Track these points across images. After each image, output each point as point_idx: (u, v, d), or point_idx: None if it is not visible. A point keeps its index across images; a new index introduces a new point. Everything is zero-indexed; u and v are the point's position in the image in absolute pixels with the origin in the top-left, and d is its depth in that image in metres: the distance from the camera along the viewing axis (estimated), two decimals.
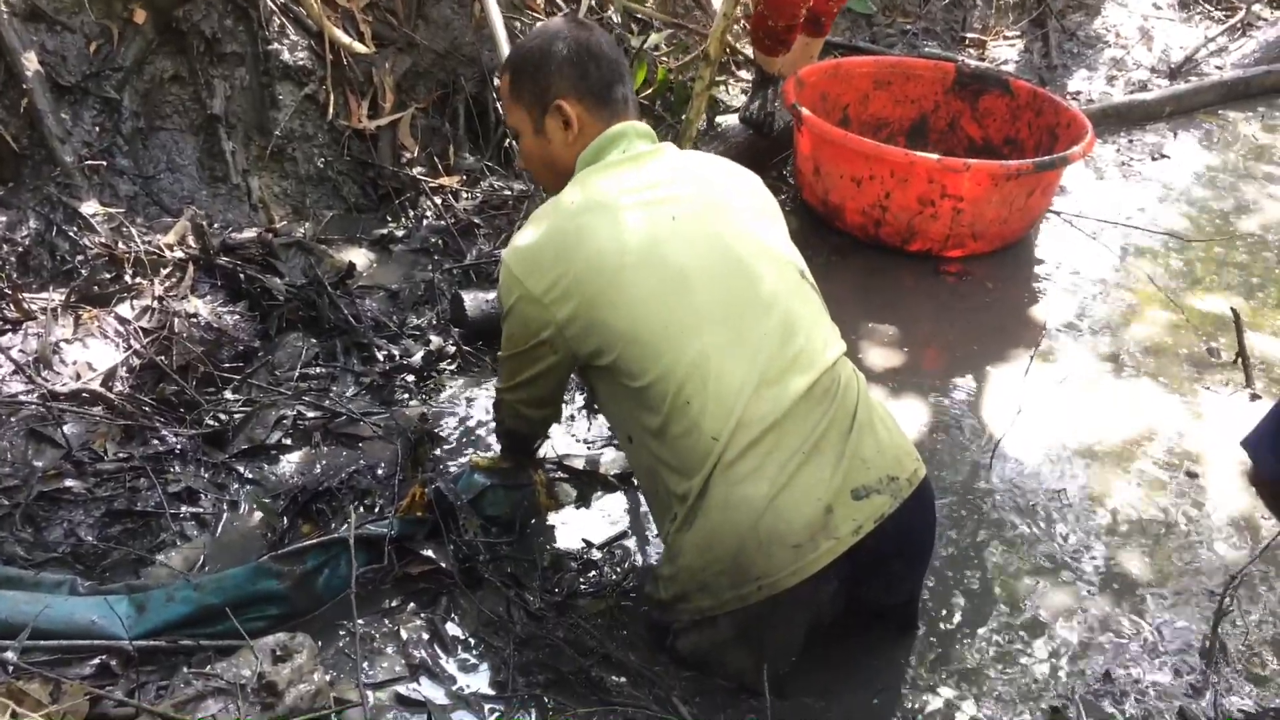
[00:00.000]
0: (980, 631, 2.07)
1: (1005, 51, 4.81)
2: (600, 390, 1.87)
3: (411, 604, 2.01)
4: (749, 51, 3.96)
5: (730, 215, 1.84)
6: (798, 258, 1.90)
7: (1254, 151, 4.25)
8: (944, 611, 2.11)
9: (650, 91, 3.71)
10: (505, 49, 3.09)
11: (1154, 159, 4.14)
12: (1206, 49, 4.90)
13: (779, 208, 1.98)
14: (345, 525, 2.05)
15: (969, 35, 4.81)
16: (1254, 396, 2.80)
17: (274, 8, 3.15)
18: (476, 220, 3.25)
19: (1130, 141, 4.26)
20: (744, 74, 4.08)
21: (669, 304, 1.74)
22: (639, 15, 3.94)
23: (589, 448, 2.49)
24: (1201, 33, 5.06)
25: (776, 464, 1.70)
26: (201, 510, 2.20)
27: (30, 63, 2.77)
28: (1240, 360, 2.87)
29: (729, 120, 3.69)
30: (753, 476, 1.70)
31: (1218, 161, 4.16)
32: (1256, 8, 5.25)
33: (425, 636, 1.94)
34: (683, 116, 2.48)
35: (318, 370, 2.65)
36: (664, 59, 3.75)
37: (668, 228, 1.78)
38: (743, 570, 1.71)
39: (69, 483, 2.17)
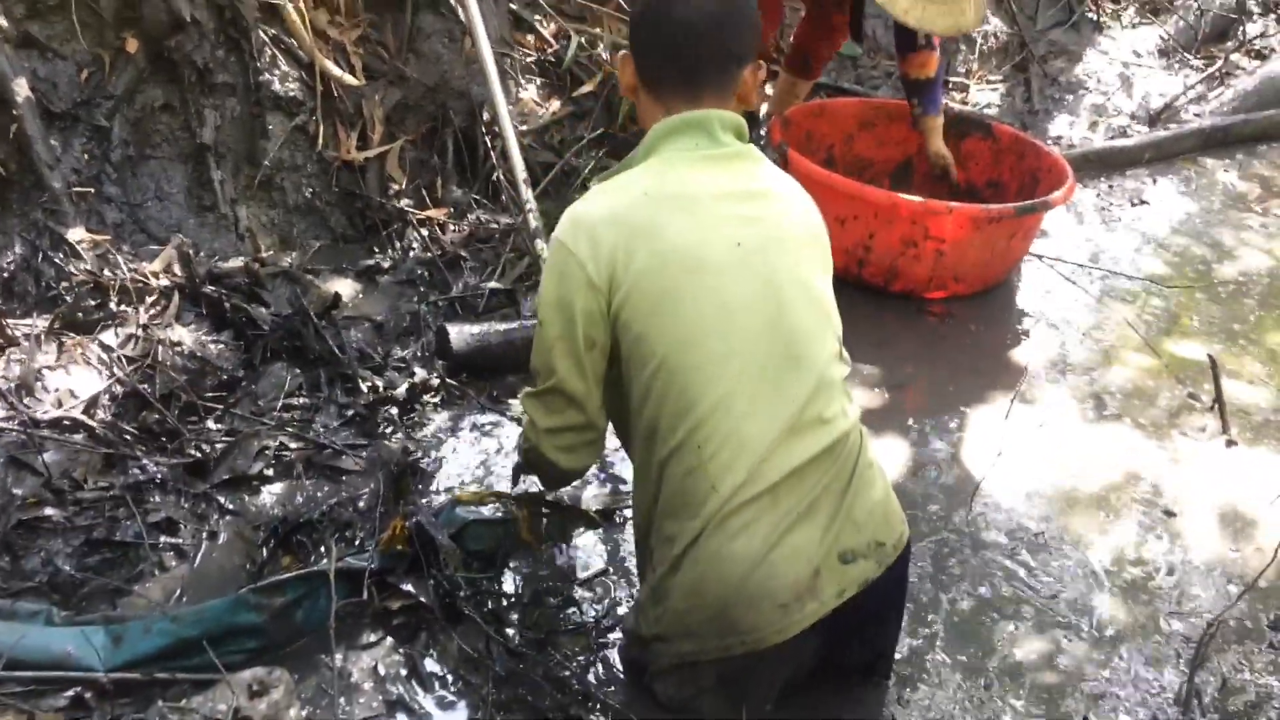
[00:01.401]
0: (956, 677, 2.08)
1: (988, 95, 4.88)
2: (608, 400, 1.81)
3: (390, 639, 2.00)
4: None
5: (790, 257, 1.75)
6: (837, 319, 1.83)
7: (1232, 198, 4.32)
8: (919, 655, 2.11)
9: (637, 129, 3.74)
10: (495, 84, 3.12)
11: (1134, 204, 4.19)
12: (1186, 97, 4.98)
13: (829, 247, 1.88)
14: (325, 558, 2.04)
15: (952, 79, 4.87)
16: (1230, 443, 2.83)
17: (266, 39, 3.17)
18: (463, 253, 3.26)
19: (1110, 187, 4.31)
20: None
21: (711, 337, 1.66)
22: None
23: (571, 484, 2.49)
24: (1181, 81, 5.14)
25: (770, 522, 1.68)
26: (181, 541, 2.19)
27: (21, 89, 2.77)
28: (1218, 407, 2.90)
29: None
30: (746, 532, 1.68)
31: (1196, 208, 4.22)
32: (1234, 57, 5.34)
33: (404, 672, 1.93)
34: None
35: (301, 401, 2.65)
36: None
37: (733, 254, 1.68)
38: (729, 623, 1.71)
39: (48, 511, 2.16)
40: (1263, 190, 4.41)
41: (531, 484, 2.43)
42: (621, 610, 2.14)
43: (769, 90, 3.93)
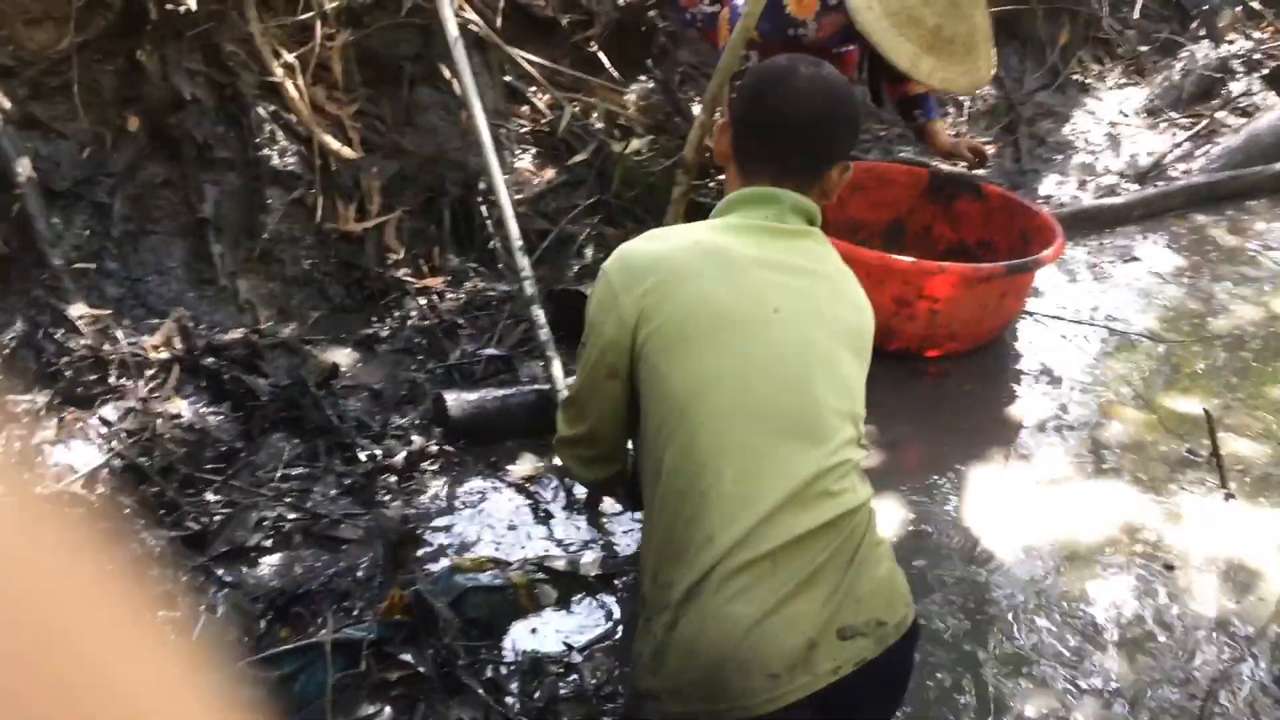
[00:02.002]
0: None
1: None
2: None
3: (389, 709, 1.99)
4: None
5: (824, 334, 1.77)
6: (862, 409, 1.82)
7: (1222, 254, 4.36)
8: (924, 717, 2.10)
9: (632, 195, 3.79)
10: (491, 154, 3.17)
11: (1124, 261, 4.23)
12: (1173, 155, 5.05)
13: (870, 343, 1.90)
14: (323, 629, 2.04)
15: None
16: (1228, 497, 2.83)
17: (265, 115, 3.23)
18: (460, 320, 3.29)
19: (1101, 244, 4.36)
20: (724, 177, 4.18)
21: (729, 389, 1.67)
22: (621, 121, 4.05)
23: (568, 549, 2.49)
24: (1168, 139, 5.21)
25: (769, 588, 1.66)
26: (179, 615, 2.18)
27: (24, 169, 2.82)
28: (1215, 461, 2.90)
29: None
30: (744, 595, 1.66)
31: (1187, 263, 4.26)
32: (1220, 115, 5.43)
33: None
34: (665, 220, 2.59)
35: (299, 471, 2.65)
36: (646, 164, 3.85)
37: (767, 317, 1.71)
38: (719, 687, 1.67)
39: None
40: (1255, 243, 4.45)
41: (528, 550, 2.43)
42: (623, 676, 2.12)
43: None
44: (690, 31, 3.69)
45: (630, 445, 1.92)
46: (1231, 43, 6.05)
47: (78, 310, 2.76)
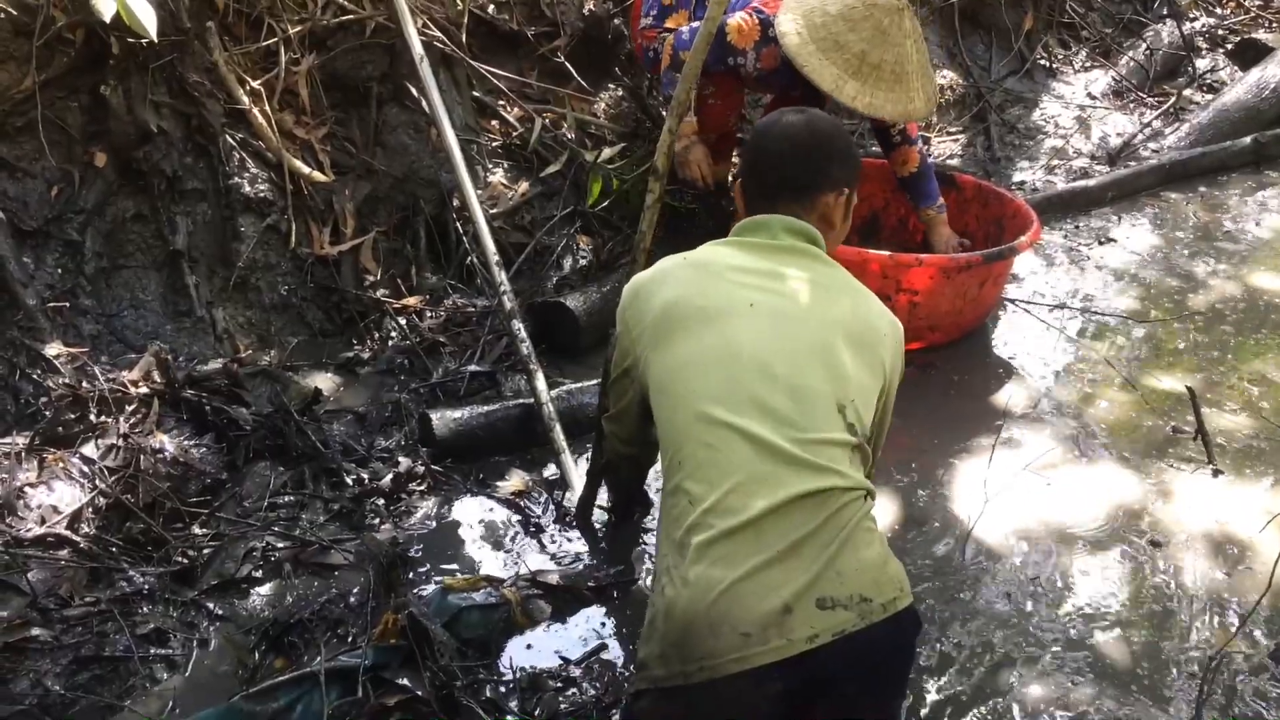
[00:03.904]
0: None
1: (950, 146, 4.96)
2: None
3: None
4: None
5: (809, 329, 1.86)
6: (859, 402, 1.84)
7: (1197, 230, 4.38)
8: (924, 706, 2.09)
9: (607, 203, 3.79)
10: (462, 171, 3.17)
11: (1101, 243, 4.25)
12: (1143, 135, 5.08)
13: (876, 351, 1.90)
14: (317, 658, 2.02)
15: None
16: (1216, 472, 2.84)
17: (233, 143, 3.22)
18: (441, 338, 3.28)
19: (1076, 227, 4.37)
20: None
21: (707, 367, 1.83)
22: (592, 130, 4.05)
23: (561, 563, 2.48)
24: (1137, 120, 5.24)
25: (748, 554, 1.69)
26: (171, 651, 2.17)
27: None
28: (1200, 438, 2.91)
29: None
30: (722, 560, 1.69)
31: (1162, 242, 4.28)
32: (1187, 93, 5.46)
33: None
34: (640, 228, 2.56)
35: (286, 499, 2.64)
36: (618, 172, 3.84)
37: (744, 308, 1.87)
38: (691, 647, 1.67)
39: (35, 631, 2.14)
40: (1229, 218, 4.47)
41: (521, 565, 2.42)
42: (621, 688, 2.11)
43: (735, 160, 3.99)
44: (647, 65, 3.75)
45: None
46: (1195, 20, 6.09)
47: (54, 349, 2.74)
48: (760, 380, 1.80)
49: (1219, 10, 6.31)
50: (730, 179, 3.76)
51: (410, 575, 2.41)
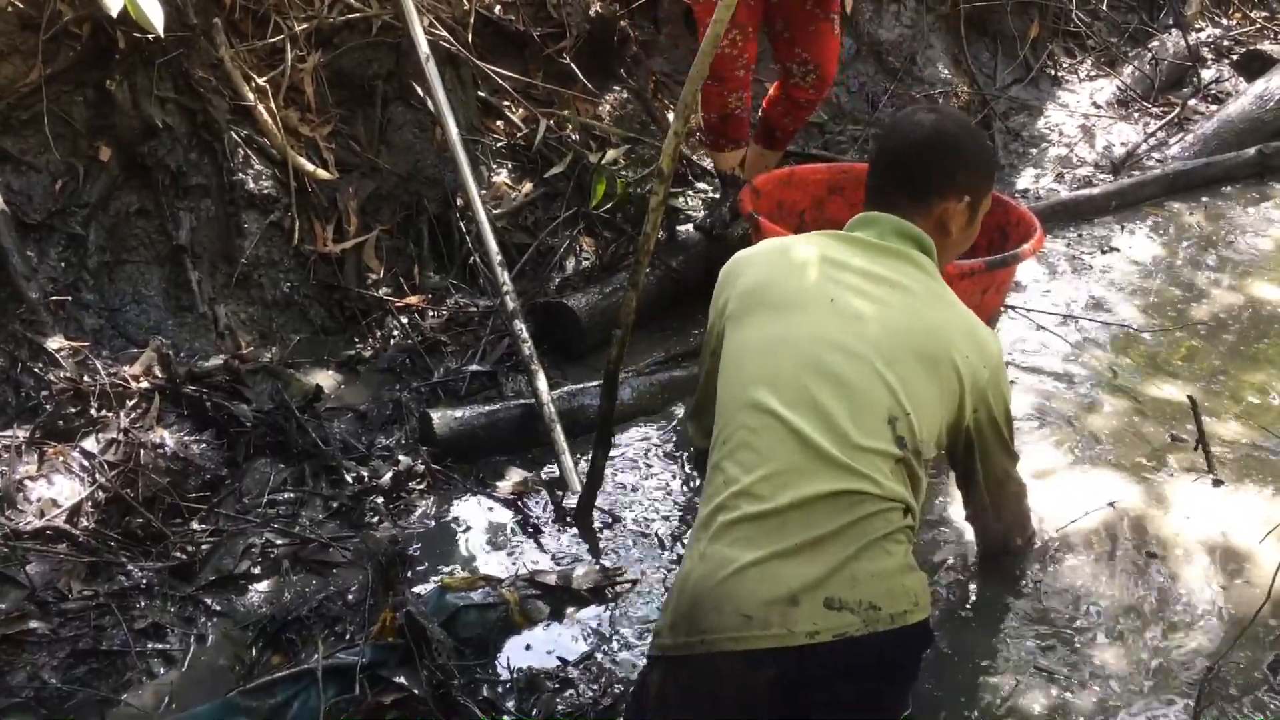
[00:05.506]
0: None
1: None
2: None
3: None
4: (708, 163, 4.07)
5: (875, 333, 1.83)
6: (914, 418, 1.81)
7: (1199, 240, 4.38)
8: (920, 714, 2.09)
9: (611, 205, 3.79)
10: (466, 170, 3.17)
11: (1104, 251, 4.24)
12: (1147, 144, 5.07)
13: (948, 369, 1.88)
14: (315, 655, 2.02)
15: None
16: (1217, 482, 2.83)
17: (238, 139, 3.22)
18: (443, 338, 3.28)
19: (1079, 235, 4.37)
20: (703, 185, 4.18)
21: (769, 354, 1.84)
22: (596, 132, 4.05)
23: (560, 563, 2.48)
24: (1141, 129, 5.24)
25: (768, 543, 1.70)
26: (168, 646, 2.17)
27: None
28: (1201, 447, 2.91)
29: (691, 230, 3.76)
30: (742, 542, 1.71)
31: (1165, 252, 4.28)
32: (1192, 103, 5.46)
33: None
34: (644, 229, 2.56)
35: (286, 496, 2.64)
36: (623, 173, 3.84)
37: (822, 302, 1.87)
38: (695, 620, 1.70)
39: (33, 624, 2.14)
40: (1232, 229, 4.47)
41: (520, 565, 2.42)
42: (619, 689, 2.11)
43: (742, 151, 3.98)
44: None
45: None
46: (1200, 30, 6.09)
47: (56, 343, 2.74)
48: (816, 377, 1.79)
49: (1225, 21, 6.30)
50: (734, 170, 3.68)
51: (409, 574, 2.41)
